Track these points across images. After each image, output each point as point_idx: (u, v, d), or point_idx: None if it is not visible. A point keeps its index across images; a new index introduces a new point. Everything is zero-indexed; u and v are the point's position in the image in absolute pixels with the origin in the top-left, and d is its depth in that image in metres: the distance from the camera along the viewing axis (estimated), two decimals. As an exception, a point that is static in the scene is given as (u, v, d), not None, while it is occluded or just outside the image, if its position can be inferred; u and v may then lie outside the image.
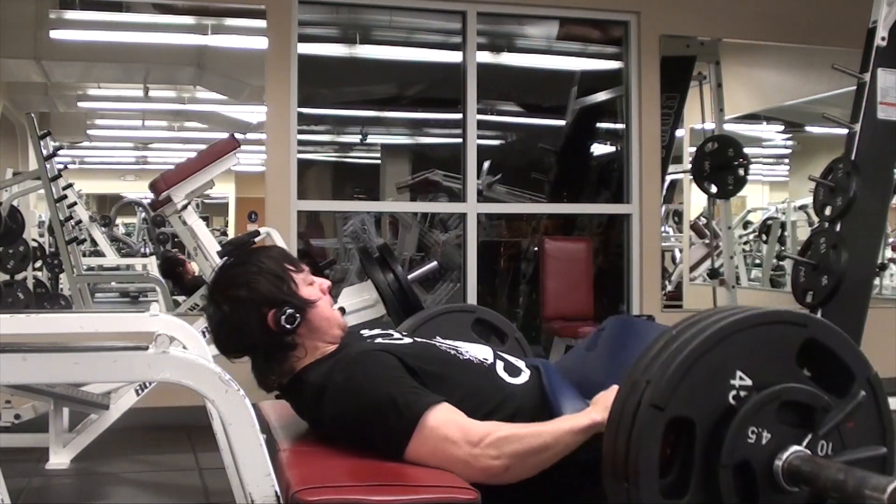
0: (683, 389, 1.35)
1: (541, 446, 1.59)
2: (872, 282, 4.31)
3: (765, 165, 8.30)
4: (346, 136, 7.44)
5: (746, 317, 1.40)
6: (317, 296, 1.84)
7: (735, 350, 1.38)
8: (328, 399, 1.69)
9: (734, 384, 1.38)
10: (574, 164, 6.42)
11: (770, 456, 1.37)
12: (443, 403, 1.63)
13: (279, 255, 1.88)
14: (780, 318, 1.42)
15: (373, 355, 1.73)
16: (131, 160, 6.72)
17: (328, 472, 1.57)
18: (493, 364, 1.84)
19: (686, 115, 6.03)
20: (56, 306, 5.40)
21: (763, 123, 7.43)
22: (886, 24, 3.96)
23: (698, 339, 1.37)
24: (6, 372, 1.42)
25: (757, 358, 1.39)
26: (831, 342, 1.45)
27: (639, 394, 1.36)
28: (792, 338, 1.42)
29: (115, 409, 3.71)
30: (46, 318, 2.37)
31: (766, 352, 1.40)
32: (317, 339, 1.81)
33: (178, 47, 5.42)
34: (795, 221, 7.47)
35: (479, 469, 1.57)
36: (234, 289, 1.79)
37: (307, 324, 1.79)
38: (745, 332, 1.39)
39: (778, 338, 1.42)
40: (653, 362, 1.39)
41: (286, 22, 4.73)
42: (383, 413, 1.61)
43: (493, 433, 1.60)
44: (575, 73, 6.43)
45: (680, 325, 1.44)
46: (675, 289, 6.76)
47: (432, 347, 1.85)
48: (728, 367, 1.38)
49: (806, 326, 1.43)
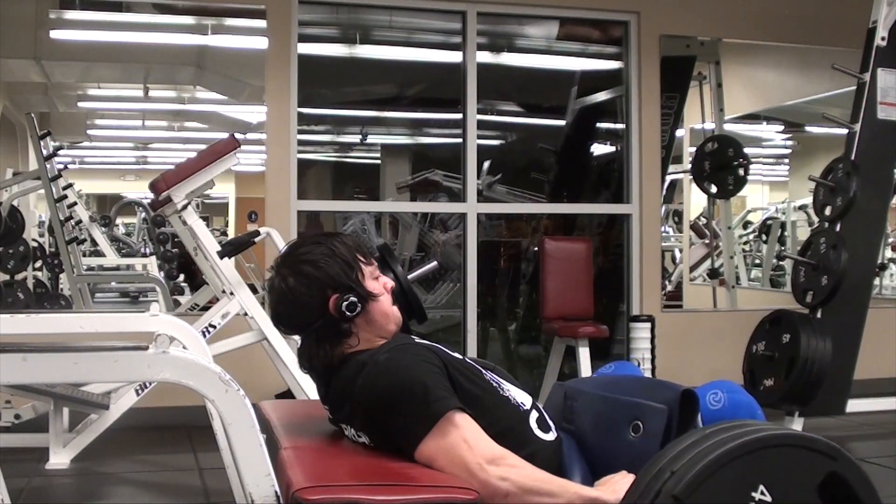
0: (706, 489, 1.35)
1: (546, 491, 1.61)
2: (872, 282, 4.32)
3: (765, 165, 8.31)
4: (346, 136, 7.44)
5: (782, 435, 1.42)
6: (380, 290, 1.85)
7: (764, 464, 1.39)
8: (365, 373, 1.71)
9: (755, 496, 1.37)
10: (574, 164, 6.42)
11: None
12: (467, 413, 1.65)
13: (353, 243, 1.87)
14: (812, 445, 1.43)
15: (419, 347, 1.75)
16: (131, 160, 6.72)
17: (328, 471, 1.57)
18: (529, 412, 1.83)
19: (686, 115, 6.03)
20: (56, 306, 5.40)
21: (763, 123, 7.44)
22: (886, 24, 3.97)
23: (730, 445, 1.37)
24: (6, 372, 1.42)
25: (782, 477, 1.40)
26: (855, 482, 1.45)
27: (661, 482, 1.36)
28: (819, 466, 1.42)
29: (115, 409, 3.71)
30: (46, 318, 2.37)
31: (792, 473, 1.41)
32: (372, 332, 1.82)
33: (178, 47, 5.42)
34: (795, 221, 7.47)
35: (481, 481, 1.58)
36: (304, 265, 1.78)
37: (366, 315, 1.80)
38: (776, 448, 1.40)
39: (806, 463, 1.42)
40: (681, 455, 1.39)
41: (286, 22, 4.73)
42: (413, 397, 1.63)
43: (509, 458, 1.62)
44: (575, 73, 6.43)
45: (714, 427, 1.44)
46: (675, 289, 6.76)
47: (478, 371, 1.84)
48: (753, 479, 1.38)
49: (836, 460, 1.43)
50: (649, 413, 1.74)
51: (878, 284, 6.47)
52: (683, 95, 5.84)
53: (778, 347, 3.99)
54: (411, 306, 3.44)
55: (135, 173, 6.61)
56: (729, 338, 4.59)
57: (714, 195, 6.04)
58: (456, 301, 5.89)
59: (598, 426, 1.86)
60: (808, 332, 3.87)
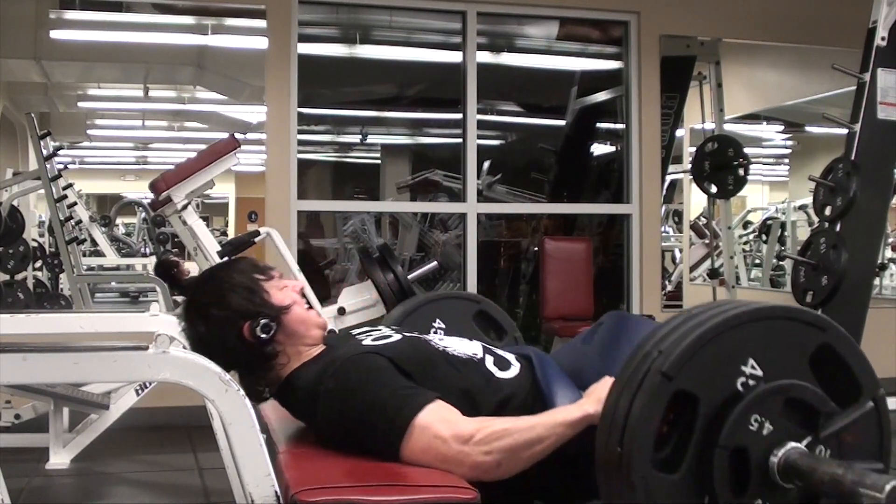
0: (694, 365, 1.34)
1: (532, 440, 1.58)
2: (872, 282, 4.31)
3: (765, 165, 8.31)
4: (346, 136, 7.44)
5: (768, 308, 1.40)
6: (290, 300, 1.83)
7: (751, 338, 1.38)
8: (320, 404, 1.69)
9: (745, 371, 1.37)
10: (574, 164, 6.42)
11: (768, 447, 1.36)
12: (434, 401, 1.63)
13: (247, 266, 1.87)
14: (800, 317, 1.42)
15: (362, 358, 1.72)
16: (131, 160, 6.72)
17: (328, 472, 1.57)
18: (483, 359, 1.83)
19: (686, 115, 6.03)
20: (56, 306, 5.40)
21: (763, 123, 7.44)
22: (886, 24, 3.97)
23: (717, 320, 1.36)
24: (6, 372, 1.42)
25: (771, 350, 1.39)
26: (845, 352, 1.45)
27: (649, 362, 1.35)
28: (809, 339, 1.42)
29: (115, 409, 3.71)
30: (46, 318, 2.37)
31: (782, 347, 1.40)
32: (297, 344, 1.81)
33: (178, 47, 5.43)
34: (795, 221, 7.47)
35: (471, 465, 1.57)
36: (207, 308, 1.79)
37: (283, 330, 1.79)
38: (764, 322, 1.39)
39: (795, 335, 1.41)
40: (668, 335, 1.38)
41: (286, 22, 4.73)
42: (374, 417, 1.62)
43: (484, 429, 1.59)
44: (575, 73, 6.43)
45: (700, 307, 1.43)
46: (675, 289, 6.76)
47: (422, 344, 1.84)
48: (741, 353, 1.37)
49: (824, 331, 1.43)
50: None
51: (878, 284, 6.47)
52: (683, 95, 5.84)
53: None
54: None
55: (135, 173, 6.61)
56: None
57: (714, 195, 6.04)
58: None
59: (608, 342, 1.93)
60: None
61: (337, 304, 3.61)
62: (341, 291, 3.74)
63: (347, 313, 3.56)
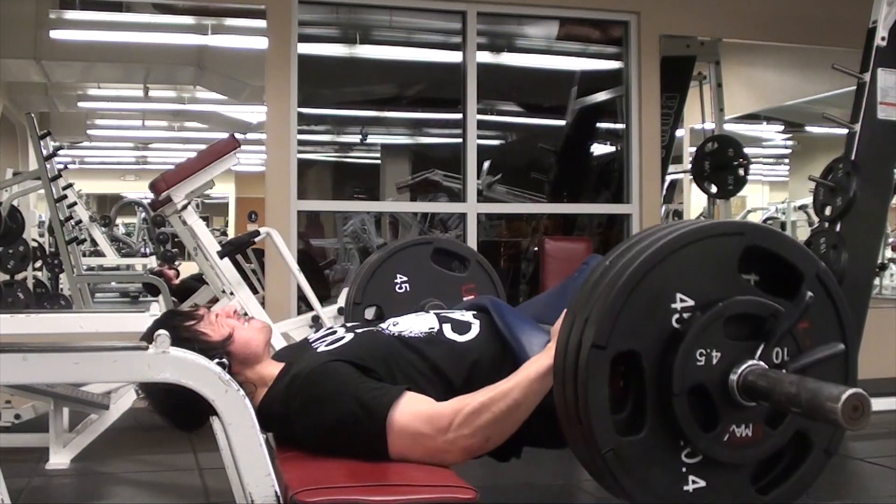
0: (623, 322, 1.30)
1: (511, 406, 1.57)
2: (872, 282, 4.31)
3: (765, 165, 8.31)
4: (346, 136, 7.44)
5: (680, 235, 1.34)
6: (228, 328, 1.84)
7: (672, 272, 1.33)
8: (295, 426, 1.70)
9: (675, 307, 1.33)
10: (574, 164, 6.42)
11: (723, 375, 1.32)
12: (404, 395, 1.62)
13: (175, 319, 1.88)
14: (714, 231, 1.37)
15: (322, 369, 1.71)
16: (131, 160, 6.73)
17: (328, 472, 1.57)
18: (441, 330, 1.83)
19: (686, 115, 6.03)
20: (56, 306, 5.40)
21: (763, 123, 7.44)
22: (886, 24, 3.96)
23: (632, 268, 1.31)
24: (6, 372, 1.42)
25: (696, 276, 1.34)
26: (773, 245, 1.40)
27: (579, 333, 1.32)
28: (731, 249, 1.37)
29: (115, 409, 3.71)
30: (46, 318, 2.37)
31: (706, 268, 1.35)
32: (254, 366, 1.83)
33: (178, 47, 5.43)
34: (795, 221, 7.47)
35: (459, 451, 1.58)
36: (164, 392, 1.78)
37: (236, 358, 1.80)
38: (679, 251, 1.34)
39: (716, 252, 1.36)
40: (589, 297, 1.34)
41: (286, 22, 4.73)
42: (350, 428, 1.62)
43: (461, 411, 1.59)
44: (575, 73, 6.43)
45: (613, 253, 1.38)
46: (675, 289, 6.75)
47: (377, 337, 1.84)
48: (667, 292, 1.33)
49: (743, 234, 1.38)
50: None
51: (878, 284, 6.47)
52: (683, 95, 5.84)
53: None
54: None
55: (135, 173, 6.62)
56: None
57: (714, 195, 6.04)
58: (456, 301, 5.89)
59: None
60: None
61: (337, 304, 3.61)
62: (341, 291, 3.74)
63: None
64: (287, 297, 4.50)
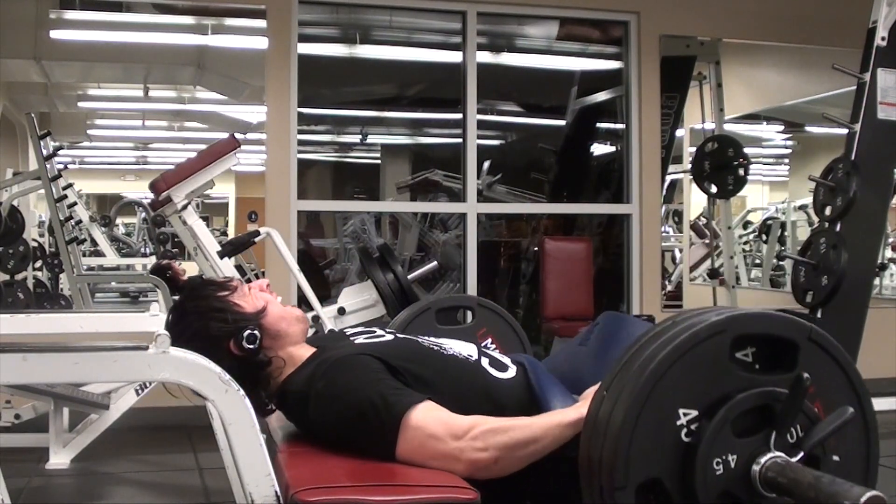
0: (635, 456, 1.31)
1: (529, 438, 1.57)
2: (872, 282, 4.31)
3: (765, 165, 8.30)
4: (346, 136, 7.44)
5: (666, 355, 1.34)
6: (262, 301, 1.83)
7: (668, 392, 1.33)
8: (311, 407, 1.69)
9: (681, 423, 1.34)
10: (574, 164, 6.42)
11: (744, 475, 1.33)
12: (425, 401, 1.62)
13: (209, 289, 1.86)
14: (696, 340, 1.35)
15: (353, 359, 1.71)
16: (131, 160, 6.72)
17: (328, 472, 1.57)
18: (479, 360, 1.83)
19: (686, 115, 6.03)
20: (56, 306, 5.40)
21: (763, 123, 7.43)
22: (886, 24, 3.96)
23: (630, 402, 1.32)
24: (6, 372, 1.42)
25: (692, 386, 1.35)
26: (758, 329, 1.40)
27: (596, 476, 1.34)
28: (718, 349, 1.36)
29: (115, 409, 3.71)
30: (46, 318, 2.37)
31: (699, 375, 1.35)
32: (285, 344, 1.81)
33: (178, 47, 5.43)
34: (795, 221, 7.47)
35: (467, 462, 1.56)
36: (190, 343, 1.73)
37: (267, 333, 1.79)
38: (670, 371, 1.34)
39: (704, 357, 1.36)
40: (594, 434, 1.36)
41: (286, 22, 4.73)
42: (366, 417, 1.61)
43: (479, 426, 1.58)
44: (575, 73, 6.43)
45: (607, 381, 1.39)
46: (675, 289, 6.76)
47: (414, 344, 1.84)
48: (668, 412, 1.33)
49: (725, 331, 1.37)
50: None
51: (878, 284, 6.47)
52: (683, 95, 5.84)
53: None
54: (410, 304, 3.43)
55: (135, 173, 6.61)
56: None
57: (714, 195, 6.04)
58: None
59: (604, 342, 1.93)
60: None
61: (337, 304, 3.61)
62: (341, 291, 3.74)
63: (347, 313, 3.57)
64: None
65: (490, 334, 2.82)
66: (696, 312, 1.43)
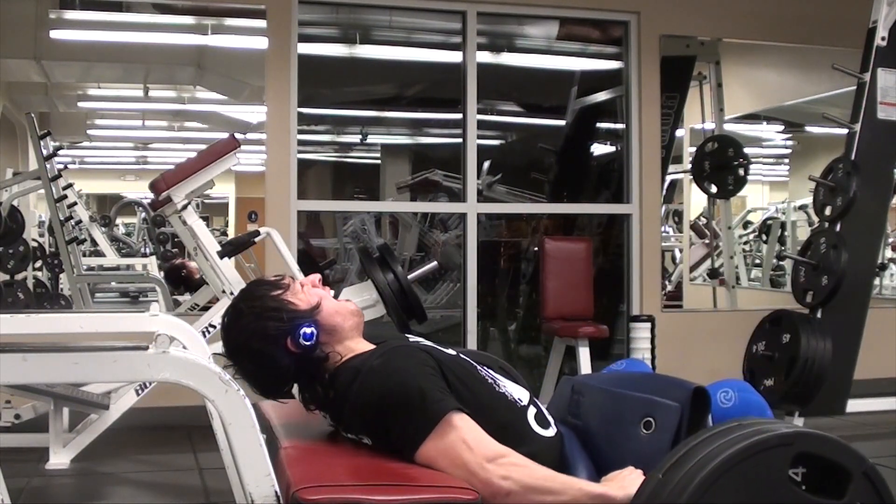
0: None
1: (549, 488, 1.59)
2: (872, 282, 4.32)
3: (765, 165, 8.30)
4: (346, 136, 7.44)
5: (732, 454, 1.34)
6: (316, 297, 1.83)
7: (724, 491, 1.33)
8: (360, 380, 1.70)
9: None
10: (574, 164, 6.42)
11: None
12: (465, 414, 1.64)
13: (262, 288, 1.84)
14: (765, 446, 1.37)
15: (412, 349, 1.75)
16: (131, 160, 6.72)
17: (328, 471, 1.57)
18: (527, 407, 1.82)
19: (686, 115, 6.03)
20: (56, 306, 5.40)
21: (763, 123, 7.43)
22: (886, 24, 3.97)
23: (687, 493, 1.32)
24: (6, 372, 1.42)
25: (748, 491, 1.35)
26: (821, 450, 1.42)
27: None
28: (781, 460, 1.38)
29: (115, 409, 3.71)
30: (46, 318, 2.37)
31: (756, 482, 1.36)
32: (342, 338, 1.81)
33: (178, 47, 5.42)
34: (795, 221, 7.47)
35: (484, 481, 1.57)
36: (248, 345, 1.78)
37: (323, 329, 1.79)
38: (732, 471, 1.34)
39: (766, 465, 1.37)
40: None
41: (286, 22, 4.73)
42: (410, 401, 1.63)
43: (510, 457, 1.61)
44: (575, 73, 6.43)
45: (665, 465, 1.38)
46: (675, 289, 6.76)
47: (472, 367, 1.84)
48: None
49: (792, 444, 1.39)
50: (661, 409, 1.72)
51: (878, 284, 6.47)
52: (683, 95, 5.84)
53: (778, 347, 3.99)
54: (411, 306, 3.43)
55: (135, 173, 6.60)
56: (729, 338, 4.59)
57: (714, 195, 6.03)
58: (456, 301, 5.89)
59: (606, 421, 1.84)
60: (808, 333, 3.87)
61: (337, 304, 3.61)
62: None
63: (347, 313, 3.55)
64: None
65: None
66: (762, 421, 1.46)
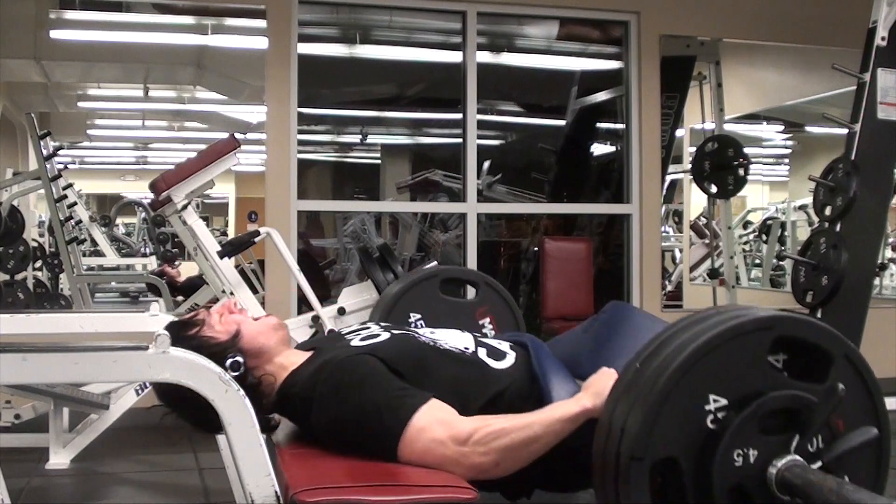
0: (659, 431, 1.32)
1: (530, 438, 1.58)
2: (872, 282, 4.31)
3: (765, 165, 8.31)
4: (346, 136, 7.44)
5: (710, 338, 1.35)
6: (233, 324, 1.82)
7: (703, 375, 1.34)
8: (315, 409, 1.69)
9: (709, 409, 1.34)
10: (574, 164, 6.42)
11: (760, 472, 1.34)
12: (429, 402, 1.63)
13: (178, 329, 1.80)
14: (744, 329, 1.37)
15: (355, 360, 1.71)
16: (131, 160, 6.73)
17: (328, 472, 1.57)
18: (475, 352, 1.83)
19: (686, 115, 6.03)
20: (56, 306, 5.41)
21: (763, 123, 7.44)
22: (886, 24, 3.96)
23: (665, 376, 1.33)
24: (6, 372, 1.42)
25: (727, 375, 1.35)
26: (802, 333, 1.42)
27: (616, 443, 1.34)
28: (760, 344, 1.38)
29: (115, 409, 3.71)
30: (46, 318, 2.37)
31: (736, 365, 1.36)
32: (271, 357, 1.81)
33: (178, 47, 5.43)
34: (795, 221, 7.47)
35: (469, 466, 1.57)
36: (179, 390, 1.64)
37: (248, 354, 1.78)
38: (710, 354, 1.35)
39: (746, 348, 1.37)
40: (622, 401, 1.36)
41: (286, 22, 4.73)
42: (370, 420, 1.62)
43: (481, 429, 1.59)
44: (575, 73, 6.43)
45: (643, 354, 1.39)
46: (675, 289, 6.76)
47: (411, 340, 1.84)
48: (699, 395, 1.34)
49: (772, 329, 1.39)
50: None
51: (878, 284, 6.47)
52: (683, 95, 5.84)
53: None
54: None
55: (135, 173, 6.61)
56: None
57: (714, 195, 6.04)
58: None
59: None
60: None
61: (337, 304, 3.61)
62: (341, 291, 3.74)
63: (347, 313, 3.56)
64: (287, 297, 4.50)
65: (490, 314, 2.82)
66: (741, 307, 1.45)
